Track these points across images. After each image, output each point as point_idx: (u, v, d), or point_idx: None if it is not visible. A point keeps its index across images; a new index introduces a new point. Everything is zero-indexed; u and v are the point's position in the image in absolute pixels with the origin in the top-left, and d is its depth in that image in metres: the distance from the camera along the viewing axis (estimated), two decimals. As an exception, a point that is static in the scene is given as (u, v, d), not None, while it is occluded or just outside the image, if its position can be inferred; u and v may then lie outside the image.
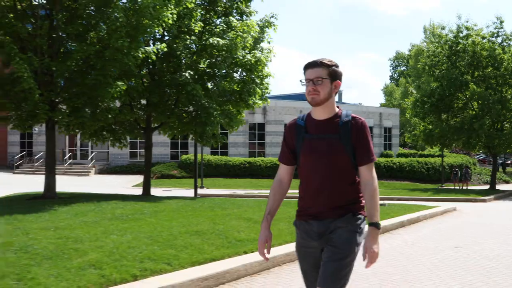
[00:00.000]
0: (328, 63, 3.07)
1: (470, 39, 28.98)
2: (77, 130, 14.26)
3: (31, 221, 8.04)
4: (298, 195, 3.21)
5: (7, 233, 6.88)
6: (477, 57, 28.48)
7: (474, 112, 29.09)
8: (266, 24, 16.55)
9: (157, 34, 14.17)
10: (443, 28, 31.52)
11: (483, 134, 27.59)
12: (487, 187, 33.54)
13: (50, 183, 13.50)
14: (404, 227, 11.93)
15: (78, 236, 6.74)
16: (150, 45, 13.56)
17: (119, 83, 11.80)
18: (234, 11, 16.49)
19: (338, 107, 3.17)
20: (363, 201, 3.09)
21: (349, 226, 3.03)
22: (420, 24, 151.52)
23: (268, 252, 3.17)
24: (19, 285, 4.60)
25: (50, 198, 12.98)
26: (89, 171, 36.65)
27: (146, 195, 16.55)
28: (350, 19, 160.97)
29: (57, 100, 12.23)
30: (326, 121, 3.09)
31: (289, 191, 3.35)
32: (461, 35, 29.56)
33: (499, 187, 32.10)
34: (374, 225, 2.98)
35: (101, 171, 37.58)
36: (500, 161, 48.38)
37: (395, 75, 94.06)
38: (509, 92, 28.62)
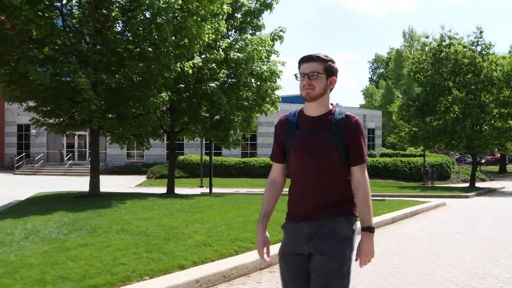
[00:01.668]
0: (324, 58, 2.99)
1: (452, 47, 31.19)
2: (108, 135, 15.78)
3: (115, 214, 9.70)
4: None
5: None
6: (459, 64, 30.68)
7: (455, 115, 31.26)
8: (276, 37, 18.41)
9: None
10: (427, 37, 33.62)
11: (464, 135, 29.77)
12: (465, 184, 35.93)
13: (94, 182, 15.12)
14: (408, 218, 13.84)
15: (171, 224, 8.45)
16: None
17: (163, 94, 13.54)
18: (248, 25, 18.33)
19: (332, 104, 3.06)
20: (354, 201, 2.96)
21: (341, 231, 2.87)
22: (397, 25, 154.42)
23: (268, 254, 3.06)
24: (163, 256, 6.29)
25: (95, 196, 14.57)
26: (89, 171, 37.79)
27: (171, 193, 18.22)
28: (326, 20, 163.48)
29: (107, 108, 13.86)
30: (319, 118, 2.97)
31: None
32: (444, 43, 31.75)
33: (477, 184, 34.36)
34: (368, 229, 2.87)
35: (100, 172, 38.78)
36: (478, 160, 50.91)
37: (374, 77, 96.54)
38: (487, 97, 30.82)
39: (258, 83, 17.75)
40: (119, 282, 5.12)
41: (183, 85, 16.61)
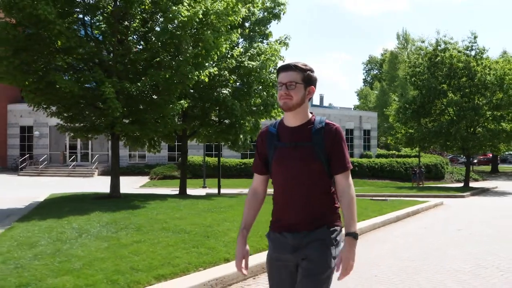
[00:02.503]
0: (303, 67, 2.94)
1: (448, 52, 32.26)
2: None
3: (148, 214, 10.59)
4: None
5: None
6: (454, 68, 31.75)
7: (450, 118, 32.31)
8: (282, 44, 19.38)
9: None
10: (423, 41, 34.66)
11: (459, 137, 30.85)
12: (459, 184, 37.09)
13: (115, 184, 15.92)
14: (410, 216, 14.80)
15: (203, 223, 9.36)
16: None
17: (182, 101, 14.49)
18: (256, 33, 19.31)
19: (311, 113, 3.03)
20: (338, 211, 2.97)
21: (324, 239, 2.87)
22: (391, 25, 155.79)
23: (246, 267, 3.01)
24: (209, 251, 7.18)
25: (116, 197, 15.44)
26: (92, 172, 38.66)
27: (184, 194, 19.12)
28: (319, 19, 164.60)
29: (128, 114, 14.74)
30: (299, 128, 2.95)
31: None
32: (439, 48, 32.81)
33: (470, 184, 35.39)
34: (352, 235, 2.80)
35: (103, 173, 39.56)
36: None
37: (368, 78, 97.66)
38: (481, 100, 31.88)
39: (267, 90, 18.69)
40: (180, 272, 6.02)
41: (195, 92, 17.50)
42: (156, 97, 14.53)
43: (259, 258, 6.88)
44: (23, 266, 5.99)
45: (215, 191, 29.72)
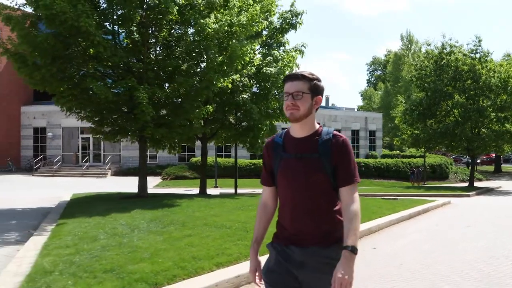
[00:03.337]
0: (310, 76, 2.87)
1: (453, 55, 33.18)
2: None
3: (185, 212, 11.55)
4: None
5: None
6: (459, 71, 32.67)
7: (455, 119, 33.20)
8: (298, 52, 20.35)
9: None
10: (428, 44, 35.56)
11: (464, 138, 31.80)
12: (463, 184, 38.03)
13: (143, 184, 16.89)
14: (421, 214, 15.70)
15: (239, 219, 10.31)
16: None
17: (208, 106, 15.51)
18: (274, 41, 20.32)
19: (318, 123, 2.96)
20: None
21: (335, 261, 2.66)
22: (392, 25, 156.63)
23: (260, 279, 2.95)
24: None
25: (144, 197, 16.40)
26: (105, 173, 39.59)
27: (204, 193, 20.08)
28: (319, 20, 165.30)
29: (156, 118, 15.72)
30: (305, 139, 2.87)
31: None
32: (445, 51, 33.72)
33: (474, 184, 36.21)
34: (350, 249, 2.62)
35: (115, 173, 40.53)
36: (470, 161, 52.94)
37: (372, 79, 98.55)
38: (485, 102, 32.76)
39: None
40: (234, 260, 6.95)
41: (217, 97, 18.49)
42: (180, 101, 15.48)
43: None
44: (98, 256, 6.93)
45: (227, 191, 30.62)
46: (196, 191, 26.24)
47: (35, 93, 46.31)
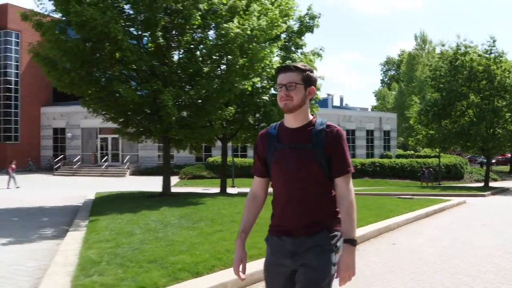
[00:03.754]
0: (302, 67, 2.91)
1: (468, 56, 33.43)
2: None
3: (211, 210, 12.09)
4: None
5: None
6: (474, 72, 32.93)
7: (470, 119, 33.45)
8: (316, 55, 20.84)
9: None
10: (443, 45, 35.87)
11: (479, 138, 32.07)
12: (479, 184, 38.20)
13: (167, 184, 17.48)
14: (437, 213, 16.08)
15: (266, 217, 10.76)
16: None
17: (230, 107, 16.09)
18: (292, 44, 20.84)
19: (312, 114, 3.00)
20: (339, 216, 2.88)
21: (323, 245, 2.82)
22: (403, 24, 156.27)
23: (243, 272, 2.99)
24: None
25: (168, 196, 16.99)
26: (124, 172, 40.32)
27: (225, 192, 20.66)
28: (329, 19, 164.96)
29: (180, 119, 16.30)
30: (299, 129, 2.90)
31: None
32: (459, 52, 33.96)
33: (490, 184, 36.40)
34: (350, 242, 2.75)
35: (134, 173, 41.26)
36: (485, 161, 53.02)
37: (386, 79, 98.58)
38: (500, 102, 33.00)
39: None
40: (264, 253, 7.44)
41: (237, 99, 19.05)
42: (202, 103, 16.04)
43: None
44: (139, 249, 7.47)
45: (244, 190, 31.10)
46: (214, 190, 26.75)
47: (55, 95, 47.29)
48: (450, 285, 6.39)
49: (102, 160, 43.67)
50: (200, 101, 16.37)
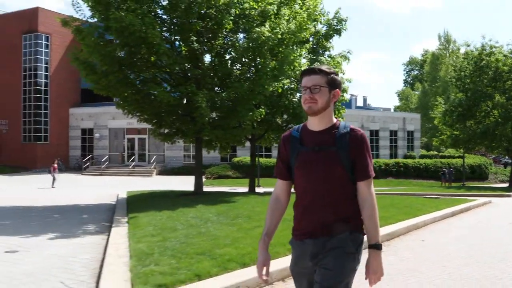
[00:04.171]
0: (327, 70, 2.91)
1: (493, 56, 33.46)
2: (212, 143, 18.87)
3: (246, 207, 12.62)
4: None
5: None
6: (499, 72, 32.98)
7: (495, 120, 33.49)
8: (343, 58, 21.28)
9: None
10: (468, 45, 35.94)
11: (504, 138, 32.13)
12: (504, 185, 38.13)
13: (199, 183, 18.08)
14: (463, 212, 16.37)
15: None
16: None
17: (261, 109, 16.66)
18: (319, 47, 21.35)
19: (336, 117, 3.03)
20: (361, 218, 2.90)
21: (345, 247, 2.82)
22: (424, 22, 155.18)
23: (267, 274, 3.02)
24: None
25: (200, 194, 17.59)
26: (151, 172, 41.14)
27: (253, 192, 21.21)
28: (350, 19, 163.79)
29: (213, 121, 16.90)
30: (323, 132, 2.90)
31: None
32: (485, 52, 34.02)
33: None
34: (375, 247, 2.81)
35: (160, 172, 42.06)
36: (509, 162, 52.76)
37: (409, 79, 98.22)
38: (525, 102, 33.07)
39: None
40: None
41: (267, 100, 19.59)
42: (234, 105, 16.60)
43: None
44: (186, 242, 8.02)
45: (270, 189, 31.62)
46: (240, 189, 27.28)
47: (83, 96, 48.49)
48: (479, 277, 6.80)
49: (130, 160, 44.60)
50: (231, 103, 16.93)
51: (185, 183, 33.26)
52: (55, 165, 29.10)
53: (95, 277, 6.84)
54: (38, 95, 45.51)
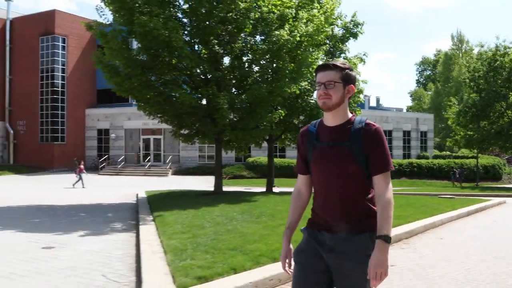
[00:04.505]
0: (341, 65, 2.91)
1: (507, 57, 33.61)
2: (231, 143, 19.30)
3: (268, 206, 13.02)
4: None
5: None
6: (513, 72, 33.20)
7: (509, 120, 33.66)
8: (359, 60, 21.64)
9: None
10: (482, 46, 36.12)
11: (519, 138, 32.37)
12: (517, 185, 38.35)
13: (218, 182, 18.54)
14: (478, 212, 16.63)
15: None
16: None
17: (280, 111, 17.09)
18: (336, 49, 21.73)
19: (352, 112, 3.00)
20: None
21: (365, 250, 2.76)
22: (436, 22, 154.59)
23: (290, 266, 3.02)
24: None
25: (220, 194, 18.01)
26: (166, 172, 41.65)
27: (271, 191, 21.62)
28: (361, 18, 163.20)
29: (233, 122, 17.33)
30: (337, 127, 2.90)
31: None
32: (499, 52, 34.17)
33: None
34: (383, 238, 2.68)
35: (175, 172, 42.55)
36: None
37: (422, 79, 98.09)
38: (539, 103, 33.22)
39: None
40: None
41: (285, 101, 20.02)
42: (253, 106, 17.01)
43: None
44: (216, 239, 8.43)
45: (284, 189, 31.92)
46: (255, 189, 27.68)
47: (99, 97, 49.20)
48: (498, 272, 7.15)
49: (145, 160, 45.18)
50: (249, 104, 17.34)
51: (201, 182, 33.82)
52: (82, 166, 29.66)
53: (133, 271, 7.28)
54: (55, 96, 46.20)
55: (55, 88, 46.20)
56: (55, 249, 9.08)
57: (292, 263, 3.05)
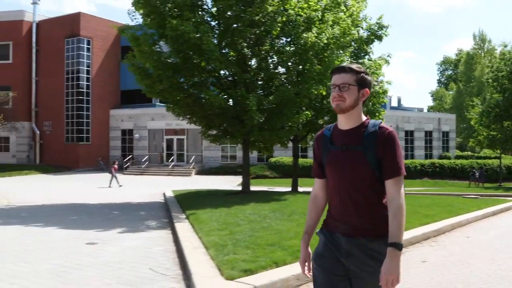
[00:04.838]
0: (357, 69, 2.91)
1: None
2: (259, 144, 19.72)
3: (296, 205, 13.38)
4: None
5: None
6: (536, 71, 33.10)
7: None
8: (384, 61, 21.90)
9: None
10: (505, 46, 36.02)
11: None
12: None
13: (246, 182, 18.93)
14: (503, 212, 16.75)
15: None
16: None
17: (306, 112, 17.46)
18: (360, 51, 22.05)
19: (366, 116, 2.99)
20: None
21: (383, 256, 2.73)
22: (457, 21, 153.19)
23: (309, 270, 3.07)
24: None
25: (248, 193, 18.43)
26: (190, 172, 42.15)
27: (296, 191, 22.00)
28: (384, 17, 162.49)
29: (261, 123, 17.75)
30: (351, 131, 2.90)
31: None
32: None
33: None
34: (395, 246, 2.67)
35: (198, 172, 43.04)
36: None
37: (443, 79, 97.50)
38: None
39: (372, 100, 21.33)
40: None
41: (311, 102, 20.38)
42: (281, 107, 17.37)
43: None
44: (253, 235, 8.81)
45: (307, 189, 32.19)
46: (279, 189, 28.02)
47: (122, 98, 50.02)
48: (528, 268, 7.46)
49: (169, 160, 45.83)
50: (275, 105, 17.71)
51: (225, 182, 34.21)
52: (116, 166, 30.38)
53: (177, 265, 7.69)
54: (80, 97, 47.05)
55: (80, 89, 47.04)
56: (98, 245, 9.52)
57: (311, 266, 3.10)
